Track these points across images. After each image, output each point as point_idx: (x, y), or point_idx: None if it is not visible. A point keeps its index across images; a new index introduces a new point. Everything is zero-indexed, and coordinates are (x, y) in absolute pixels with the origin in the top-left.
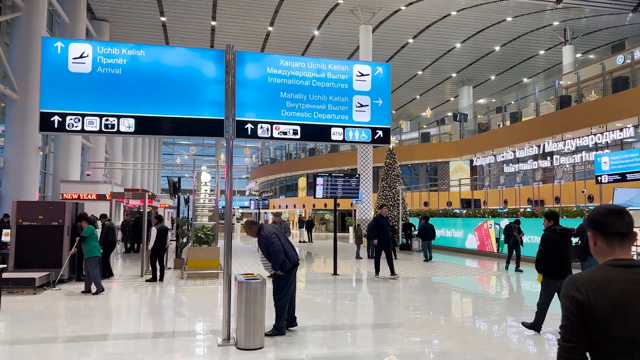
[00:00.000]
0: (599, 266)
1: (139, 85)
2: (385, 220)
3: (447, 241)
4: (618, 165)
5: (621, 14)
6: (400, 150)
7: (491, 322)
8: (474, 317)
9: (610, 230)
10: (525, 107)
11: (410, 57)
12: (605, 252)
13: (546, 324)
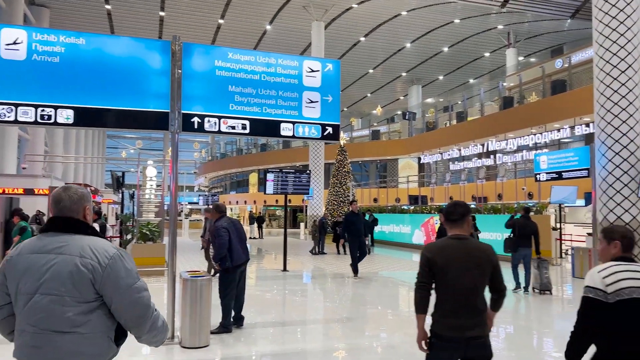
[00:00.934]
0: (443, 238)
1: (78, 75)
2: (356, 216)
3: (395, 236)
4: (555, 164)
5: (560, 20)
6: (351, 147)
7: None
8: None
9: (449, 217)
10: (471, 107)
11: (361, 56)
12: (448, 230)
13: None
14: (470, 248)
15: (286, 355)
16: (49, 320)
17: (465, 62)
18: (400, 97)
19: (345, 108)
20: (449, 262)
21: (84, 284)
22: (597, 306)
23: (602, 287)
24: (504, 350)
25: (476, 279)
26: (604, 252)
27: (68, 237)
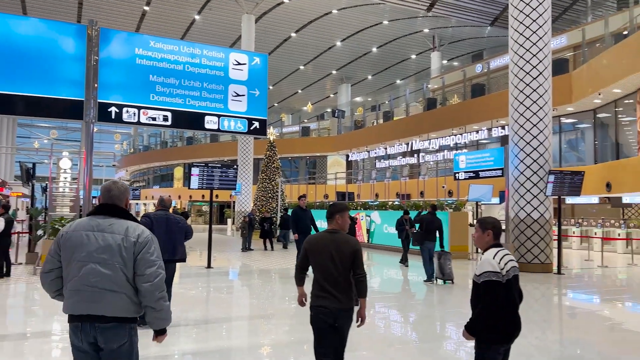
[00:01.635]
0: (321, 232)
1: None
2: (304, 212)
3: None
4: (473, 164)
5: (481, 26)
6: (281, 143)
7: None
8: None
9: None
10: (397, 107)
11: (293, 51)
12: (328, 225)
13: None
14: (337, 240)
15: (209, 353)
16: (103, 281)
17: (393, 63)
18: (330, 95)
19: (276, 103)
20: (319, 251)
21: (128, 255)
22: (498, 286)
23: (499, 270)
24: (410, 335)
25: (339, 264)
26: (480, 239)
27: (114, 219)
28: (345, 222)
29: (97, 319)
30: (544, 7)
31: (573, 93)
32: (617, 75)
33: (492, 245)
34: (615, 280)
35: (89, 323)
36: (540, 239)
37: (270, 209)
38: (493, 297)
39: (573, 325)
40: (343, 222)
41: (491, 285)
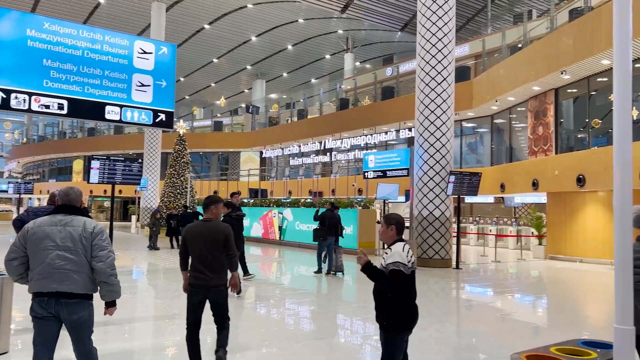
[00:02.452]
0: (198, 221)
1: None
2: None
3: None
4: (381, 164)
5: (392, 31)
6: (191, 137)
7: (270, 305)
8: (255, 302)
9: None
10: (311, 106)
11: (206, 43)
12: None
13: None
14: (210, 227)
15: (109, 356)
16: (72, 264)
17: (308, 61)
18: (245, 90)
19: (187, 96)
20: (195, 237)
21: (87, 243)
22: (403, 275)
23: (406, 262)
24: (317, 330)
25: (212, 248)
26: (384, 233)
27: (74, 216)
28: (218, 212)
29: (63, 295)
30: (449, 16)
31: (473, 99)
32: (511, 84)
33: (396, 240)
34: (507, 274)
35: (55, 299)
36: (441, 236)
37: (179, 206)
38: (398, 283)
39: (469, 317)
40: (217, 212)
41: (398, 273)
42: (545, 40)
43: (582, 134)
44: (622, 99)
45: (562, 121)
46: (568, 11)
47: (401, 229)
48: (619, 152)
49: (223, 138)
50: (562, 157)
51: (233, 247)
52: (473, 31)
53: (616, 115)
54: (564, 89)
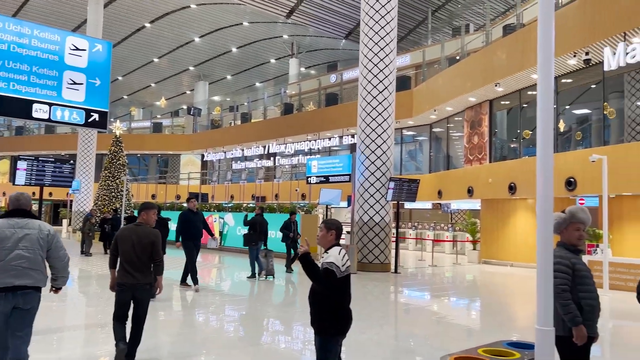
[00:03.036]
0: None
1: None
2: (196, 215)
3: (171, 235)
4: (324, 169)
5: (337, 39)
6: (129, 138)
7: (209, 312)
8: (193, 309)
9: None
10: (255, 110)
11: (146, 42)
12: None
13: None
14: (140, 231)
15: None
16: (29, 262)
17: (253, 65)
18: (187, 92)
19: (125, 96)
20: (125, 239)
21: (44, 243)
22: (334, 275)
23: (341, 265)
24: (256, 336)
25: (138, 250)
26: (323, 238)
27: (28, 219)
28: (150, 218)
29: (20, 288)
30: (390, 26)
31: (413, 108)
32: (449, 94)
33: (334, 244)
34: (443, 278)
35: (12, 292)
36: (380, 241)
37: (114, 210)
38: (329, 283)
39: (407, 320)
40: (148, 218)
41: (331, 273)
42: (480, 54)
43: (515, 144)
44: (544, 112)
45: (496, 131)
46: (502, 27)
47: (339, 235)
48: (542, 162)
49: (163, 140)
50: (495, 166)
51: (159, 253)
52: (414, 42)
53: (540, 127)
54: (498, 101)
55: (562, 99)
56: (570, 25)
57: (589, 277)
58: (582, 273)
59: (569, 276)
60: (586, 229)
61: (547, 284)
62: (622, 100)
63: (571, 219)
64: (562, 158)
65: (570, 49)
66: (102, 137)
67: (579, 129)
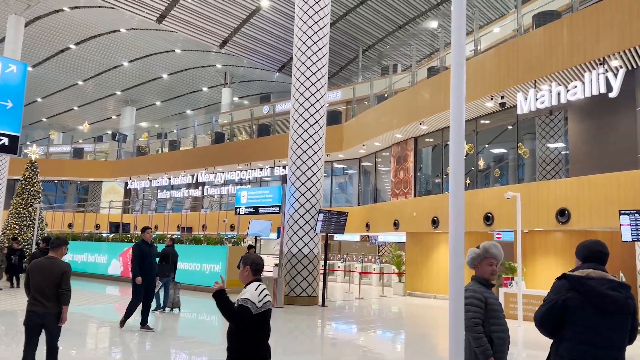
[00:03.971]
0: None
1: None
2: (150, 247)
3: (89, 267)
4: (253, 200)
5: (270, 71)
6: (46, 164)
7: (113, 346)
8: (109, 347)
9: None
10: (185, 138)
11: (71, 64)
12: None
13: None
14: (51, 263)
15: None
16: None
17: (184, 92)
18: (113, 117)
19: (45, 119)
20: (37, 270)
21: None
22: (249, 312)
23: (257, 302)
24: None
25: (49, 281)
26: (241, 274)
27: None
28: (61, 253)
29: None
30: (322, 62)
31: (344, 142)
32: (377, 130)
33: (252, 280)
34: (369, 310)
35: None
36: (309, 273)
37: (25, 239)
38: (243, 320)
39: (333, 354)
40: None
41: (245, 309)
42: (406, 93)
43: (439, 179)
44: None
45: (421, 167)
46: (427, 69)
47: (257, 270)
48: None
49: (84, 166)
50: (419, 200)
51: (68, 284)
52: (345, 79)
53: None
54: (422, 138)
55: (481, 139)
56: (487, 71)
57: (500, 310)
58: (494, 307)
59: (482, 310)
60: (499, 264)
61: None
62: (534, 142)
63: (484, 254)
64: (481, 194)
65: (488, 93)
66: (16, 162)
67: (497, 167)
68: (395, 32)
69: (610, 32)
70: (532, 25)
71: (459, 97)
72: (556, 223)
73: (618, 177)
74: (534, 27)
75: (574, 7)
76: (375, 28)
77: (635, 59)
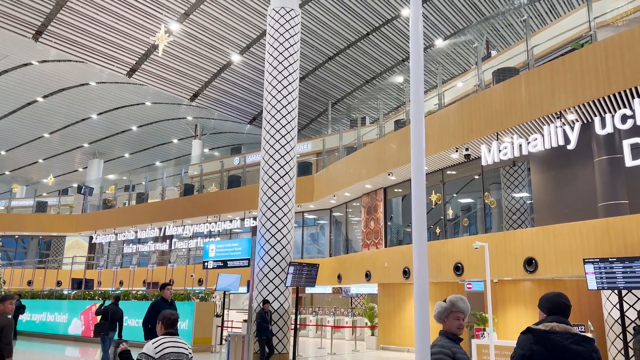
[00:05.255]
0: None
1: None
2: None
3: (47, 327)
4: (222, 253)
5: (241, 123)
6: (6, 218)
7: None
8: None
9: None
10: (153, 190)
11: (38, 116)
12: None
13: None
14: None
15: None
16: None
17: (154, 144)
18: (79, 169)
19: (8, 172)
20: None
21: None
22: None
23: (153, 354)
24: None
25: None
26: (159, 329)
27: None
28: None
29: None
30: (292, 115)
31: (314, 192)
32: (347, 181)
33: (164, 333)
34: None
35: None
36: (279, 329)
37: None
38: None
39: None
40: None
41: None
42: (375, 145)
43: (410, 229)
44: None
45: (392, 217)
46: (394, 121)
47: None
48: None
49: (47, 220)
50: (390, 250)
51: (7, 337)
52: (315, 130)
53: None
54: (392, 188)
55: (449, 189)
56: (451, 124)
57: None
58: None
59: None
60: (466, 317)
61: None
62: (500, 192)
63: (451, 308)
64: (451, 244)
65: (453, 145)
66: None
67: (465, 216)
68: (363, 87)
69: (564, 88)
70: (493, 81)
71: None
72: (524, 272)
73: (580, 226)
74: (494, 83)
75: (530, 64)
76: (343, 82)
77: (590, 113)
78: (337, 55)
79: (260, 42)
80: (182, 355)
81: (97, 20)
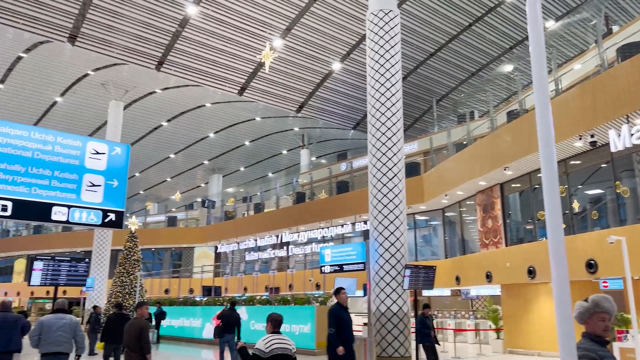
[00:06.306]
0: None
1: None
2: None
3: (185, 331)
4: (337, 258)
5: (345, 129)
6: (144, 233)
7: None
8: None
9: None
10: (268, 200)
11: (163, 140)
12: None
13: None
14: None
15: None
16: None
17: (265, 157)
18: (201, 185)
19: (142, 191)
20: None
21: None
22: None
23: (264, 349)
24: None
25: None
26: (266, 328)
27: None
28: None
29: None
30: (397, 117)
31: (424, 193)
32: (459, 179)
33: (272, 332)
34: None
35: None
36: (399, 332)
37: (127, 306)
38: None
39: None
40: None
41: (255, 356)
42: (487, 139)
43: (530, 225)
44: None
45: (510, 213)
46: (506, 113)
47: (276, 324)
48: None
49: (177, 233)
50: (512, 249)
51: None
52: (421, 130)
53: (548, 211)
54: (509, 184)
55: (573, 180)
56: (572, 110)
57: None
58: None
59: None
60: (612, 318)
61: None
62: (634, 179)
63: (595, 308)
64: (581, 239)
65: (576, 132)
66: (118, 233)
67: (594, 209)
68: (469, 80)
69: None
70: (617, 59)
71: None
72: None
73: None
74: (619, 61)
75: None
76: (447, 77)
77: None
78: (438, 50)
79: (359, 47)
80: (287, 350)
81: (209, 45)
